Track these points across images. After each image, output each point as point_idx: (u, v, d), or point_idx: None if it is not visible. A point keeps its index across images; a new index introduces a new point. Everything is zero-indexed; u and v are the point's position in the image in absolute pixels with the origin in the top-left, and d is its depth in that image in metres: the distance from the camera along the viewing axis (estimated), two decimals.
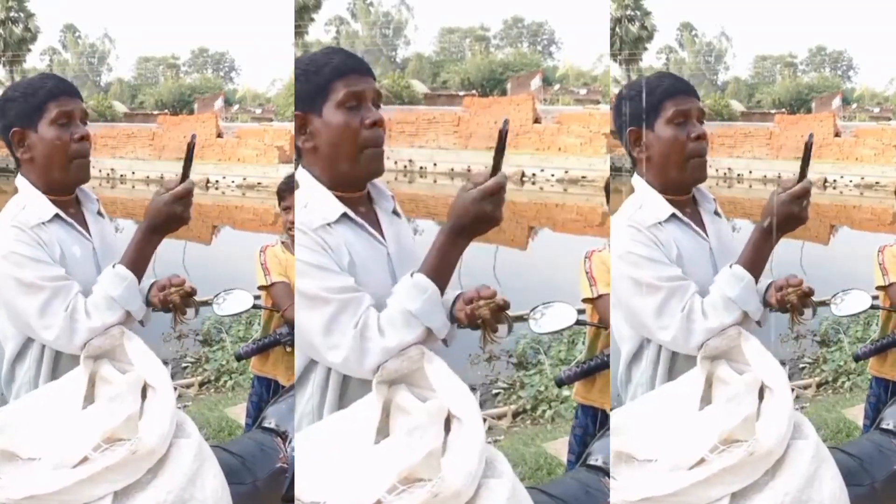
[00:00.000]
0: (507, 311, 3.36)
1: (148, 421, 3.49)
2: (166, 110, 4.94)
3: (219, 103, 4.93)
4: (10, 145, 3.72)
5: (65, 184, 3.71)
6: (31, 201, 3.69)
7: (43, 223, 3.64)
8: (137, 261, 3.65)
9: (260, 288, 4.79)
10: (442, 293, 3.27)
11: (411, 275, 3.27)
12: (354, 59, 3.39)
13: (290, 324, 4.68)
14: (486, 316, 3.31)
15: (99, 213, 3.83)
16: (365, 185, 3.42)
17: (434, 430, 3.22)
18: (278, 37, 4.69)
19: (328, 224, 3.31)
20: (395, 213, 3.48)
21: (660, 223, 3.66)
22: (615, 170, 4.76)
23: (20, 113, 3.69)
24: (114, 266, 3.65)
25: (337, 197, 3.34)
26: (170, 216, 3.59)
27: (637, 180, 3.75)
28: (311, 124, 3.34)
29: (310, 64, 3.37)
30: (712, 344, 3.55)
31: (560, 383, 4.58)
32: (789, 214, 3.51)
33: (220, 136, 4.95)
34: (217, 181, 5.01)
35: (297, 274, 3.33)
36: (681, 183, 3.70)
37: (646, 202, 3.70)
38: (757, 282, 3.60)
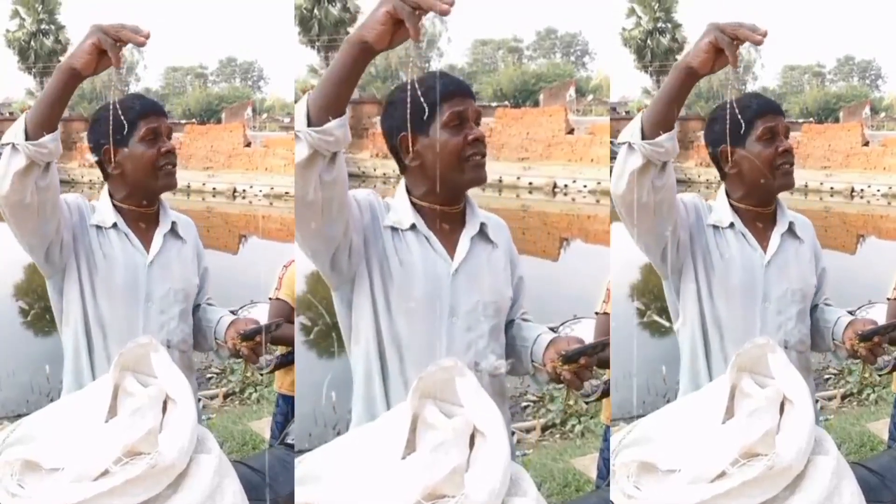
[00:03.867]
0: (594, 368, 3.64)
1: (168, 435, 3.50)
2: (194, 119, 4.96)
3: (248, 112, 4.94)
4: (100, 161, 4.00)
5: (153, 191, 4.00)
6: (102, 206, 3.97)
7: (103, 227, 3.92)
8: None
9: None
10: None
11: None
12: (457, 82, 3.64)
13: (275, 341, 4.70)
14: (567, 378, 3.63)
15: (175, 233, 4.03)
16: (461, 197, 3.68)
17: (459, 447, 3.22)
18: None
19: (401, 230, 3.60)
20: (483, 236, 3.69)
21: (719, 227, 3.90)
22: None
23: (112, 131, 3.94)
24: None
25: (434, 209, 3.63)
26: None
27: (721, 191, 3.97)
28: (418, 143, 3.58)
29: (419, 88, 3.58)
30: (745, 354, 3.55)
31: (587, 397, 4.55)
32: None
33: (248, 145, 4.96)
34: (244, 190, 5.01)
35: None
36: (768, 190, 3.92)
37: (717, 207, 3.94)
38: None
